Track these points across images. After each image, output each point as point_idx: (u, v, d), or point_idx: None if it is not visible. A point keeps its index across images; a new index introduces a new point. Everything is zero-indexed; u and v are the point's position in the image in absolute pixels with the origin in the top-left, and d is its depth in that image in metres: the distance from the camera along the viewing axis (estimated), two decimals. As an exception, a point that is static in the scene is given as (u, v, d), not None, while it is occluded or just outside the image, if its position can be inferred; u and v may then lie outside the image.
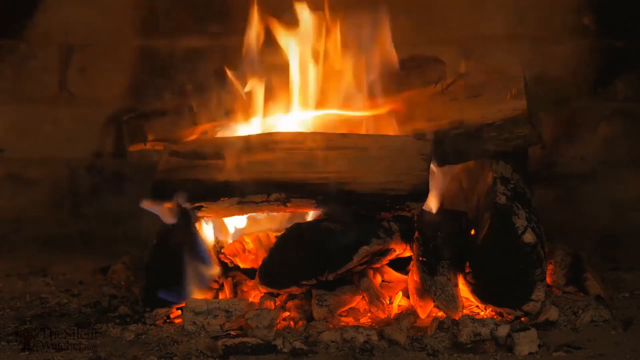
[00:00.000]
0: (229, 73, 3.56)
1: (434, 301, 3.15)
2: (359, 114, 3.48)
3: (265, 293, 3.19)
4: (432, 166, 3.29)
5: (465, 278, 3.19)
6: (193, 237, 3.28)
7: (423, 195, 3.21)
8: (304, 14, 3.57)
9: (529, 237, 3.08)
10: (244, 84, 3.56)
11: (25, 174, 4.72)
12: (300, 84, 3.56)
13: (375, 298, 3.20)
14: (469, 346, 2.93)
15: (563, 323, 3.10)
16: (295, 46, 3.58)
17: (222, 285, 3.33)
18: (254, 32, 3.60)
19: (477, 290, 3.17)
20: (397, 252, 3.25)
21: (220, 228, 3.48)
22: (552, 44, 4.58)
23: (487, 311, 3.18)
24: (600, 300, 3.26)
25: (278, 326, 3.09)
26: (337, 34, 3.62)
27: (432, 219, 3.26)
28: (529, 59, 4.46)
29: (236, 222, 3.48)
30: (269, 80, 3.58)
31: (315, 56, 3.66)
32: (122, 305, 3.37)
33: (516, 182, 3.30)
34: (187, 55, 4.63)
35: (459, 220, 3.28)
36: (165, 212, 3.24)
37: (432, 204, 3.32)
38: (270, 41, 3.64)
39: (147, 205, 3.25)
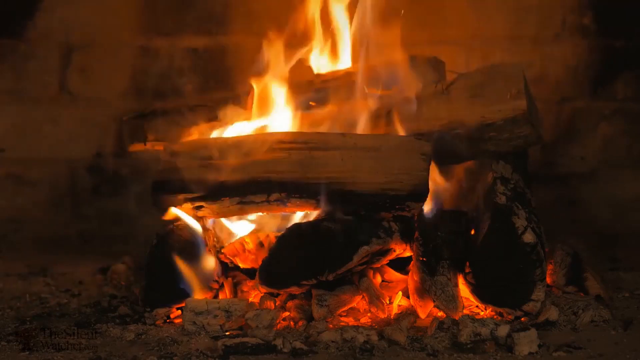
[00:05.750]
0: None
1: (434, 301, 3.15)
2: (359, 114, 3.49)
3: (265, 293, 3.20)
4: (432, 166, 3.29)
5: (465, 278, 3.19)
6: (193, 237, 3.28)
7: (423, 195, 3.21)
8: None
9: (529, 237, 3.08)
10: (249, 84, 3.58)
11: (25, 174, 4.71)
12: (300, 84, 3.56)
13: (375, 298, 3.20)
14: (469, 346, 2.93)
15: (563, 323, 3.10)
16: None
17: (222, 285, 3.33)
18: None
19: (477, 290, 3.17)
20: (397, 252, 3.25)
21: (220, 228, 3.49)
22: (552, 44, 4.58)
23: (487, 311, 3.18)
24: (600, 300, 3.26)
25: (278, 326, 3.09)
26: (339, 35, 3.63)
27: (432, 219, 3.26)
28: (529, 59, 4.46)
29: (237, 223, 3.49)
30: (270, 79, 3.60)
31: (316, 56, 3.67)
32: (122, 305, 3.37)
33: (516, 182, 3.30)
34: (187, 55, 4.63)
35: (459, 220, 3.28)
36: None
37: (432, 204, 3.31)
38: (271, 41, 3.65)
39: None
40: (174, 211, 3.26)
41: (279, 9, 3.75)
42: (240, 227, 3.49)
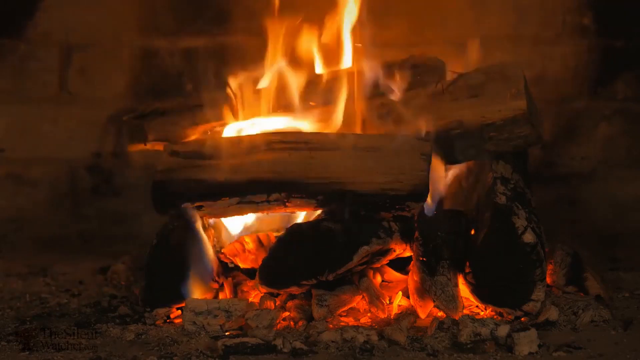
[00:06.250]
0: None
1: (434, 301, 3.15)
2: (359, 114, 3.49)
3: (265, 293, 3.20)
4: (432, 166, 3.29)
5: (465, 278, 3.19)
6: (193, 237, 3.28)
7: (423, 195, 3.22)
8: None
9: (529, 237, 3.08)
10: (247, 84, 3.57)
11: (25, 174, 4.71)
12: (300, 84, 3.56)
13: (375, 298, 3.20)
14: (469, 346, 2.93)
15: (563, 323, 3.10)
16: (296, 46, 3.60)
17: (222, 285, 3.33)
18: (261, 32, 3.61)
19: (477, 290, 3.17)
20: (397, 252, 3.25)
21: (220, 228, 3.49)
22: (552, 44, 4.58)
23: (487, 311, 3.18)
24: (600, 300, 3.26)
25: (278, 326, 3.09)
26: (335, 33, 3.63)
27: (432, 219, 3.26)
28: (529, 59, 4.46)
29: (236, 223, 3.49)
30: (270, 80, 3.60)
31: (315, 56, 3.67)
32: (122, 305, 3.37)
33: (516, 182, 3.30)
34: (187, 55, 4.63)
35: (459, 220, 3.28)
36: None
37: (432, 204, 3.31)
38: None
39: None
40: None
41: (279, 8, 3.74)
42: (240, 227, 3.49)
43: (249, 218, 3.46)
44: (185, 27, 4.63)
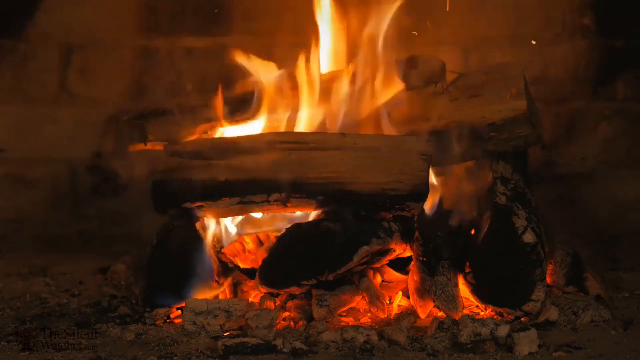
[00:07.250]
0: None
1: (434, 301, 3.15)
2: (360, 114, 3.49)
3: (265, 293, 3.20)
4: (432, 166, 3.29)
5: (465, 278, 3.19)
6: (193, 237, 3.28)
7: (423, 195, 3.22)
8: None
9: (529, 237, 3.08)
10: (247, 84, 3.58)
11: (25, 174, 4.72)
12: (300, 84, 3.56)
13: (375, 298, 3.20)
14: (469, 346, 2.93)
15: (563, 323, 3.10)
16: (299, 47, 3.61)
17: (222, 285, 3.33)
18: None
19: (477, 290, 3.17)
20: (397, 252, 3.25)
21: (220, 228, 3.49)
22: (552, 44, 4.58)
23: (487, 311, 3.18)
24: (600, 300, 3.26)
25: (278, 326, 3.09)
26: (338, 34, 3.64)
27: (432, 219, 3.26)
28: (529, 59, 4.46)
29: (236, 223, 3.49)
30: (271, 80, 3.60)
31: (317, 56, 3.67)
32: (122, 305, 3.37)
33: (516, 182, 3.30)
34: (187, 55, 4.64)
35: (459, 220, 3.27)
36: None
37: (432, 204, 3.32)
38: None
39: None
40: None
41: (279, 9, 3.75)
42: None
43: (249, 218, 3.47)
44: (185, 27, 4.63)
